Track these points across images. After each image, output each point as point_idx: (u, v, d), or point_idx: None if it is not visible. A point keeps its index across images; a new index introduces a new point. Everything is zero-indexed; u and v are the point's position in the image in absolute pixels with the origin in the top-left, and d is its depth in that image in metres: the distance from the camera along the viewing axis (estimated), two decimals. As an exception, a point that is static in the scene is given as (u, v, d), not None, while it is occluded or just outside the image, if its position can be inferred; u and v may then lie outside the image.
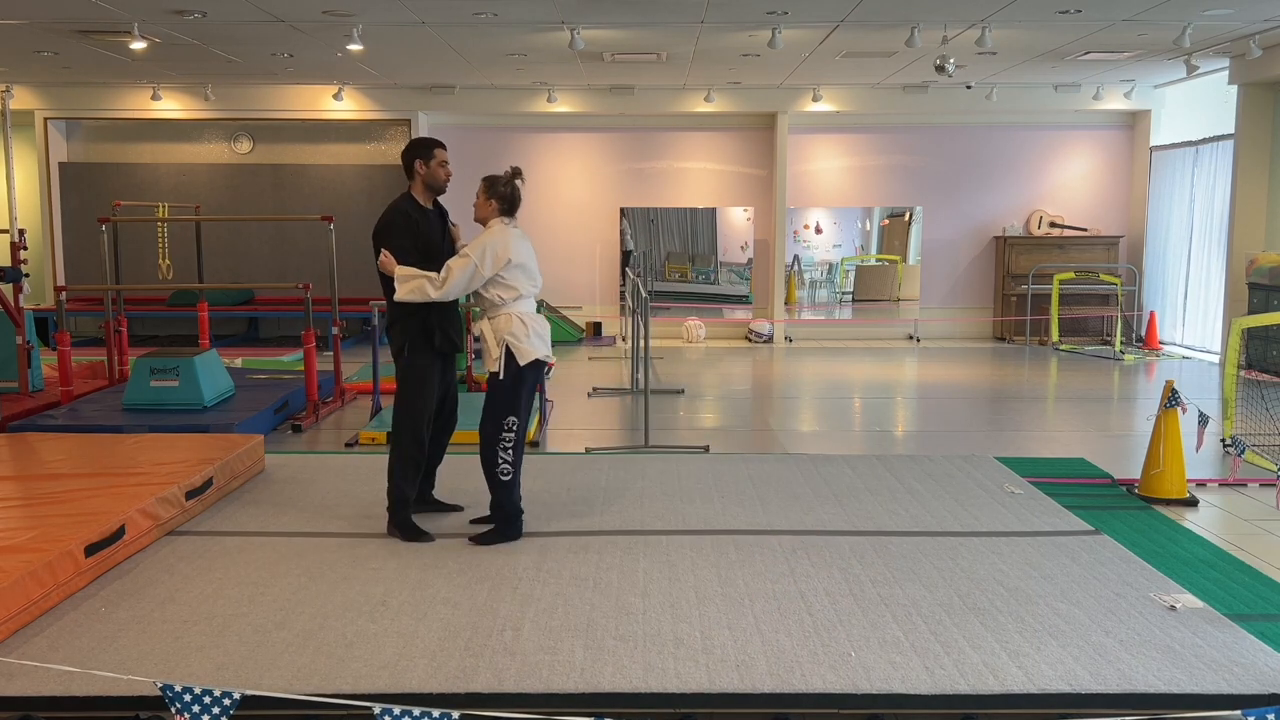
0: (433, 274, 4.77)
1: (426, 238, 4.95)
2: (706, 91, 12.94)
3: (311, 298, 8.25)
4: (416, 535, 4.85)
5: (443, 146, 5.03)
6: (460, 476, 5.78)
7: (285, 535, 4.93)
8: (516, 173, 4.94)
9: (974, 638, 3.70)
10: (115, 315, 9.18)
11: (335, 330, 8.66)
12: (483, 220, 4.91)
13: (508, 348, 4.77)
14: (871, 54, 10.53)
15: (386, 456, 5.05)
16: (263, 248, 13.75)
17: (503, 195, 4.86)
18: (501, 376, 4.77)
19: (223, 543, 4.81)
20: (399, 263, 4.79)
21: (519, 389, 4.81)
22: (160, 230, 13.22)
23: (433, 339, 4.93)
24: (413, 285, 4.77)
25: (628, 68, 11.38)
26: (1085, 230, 13.48)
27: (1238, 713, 2.87)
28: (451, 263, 4.75)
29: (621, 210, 13.51)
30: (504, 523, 4.86)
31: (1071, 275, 12.96)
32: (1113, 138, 13.60)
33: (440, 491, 5.38)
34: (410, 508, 4.96)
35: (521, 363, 4.78)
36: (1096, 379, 10.44)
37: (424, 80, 12.54)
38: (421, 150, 4.97)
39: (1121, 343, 12.41)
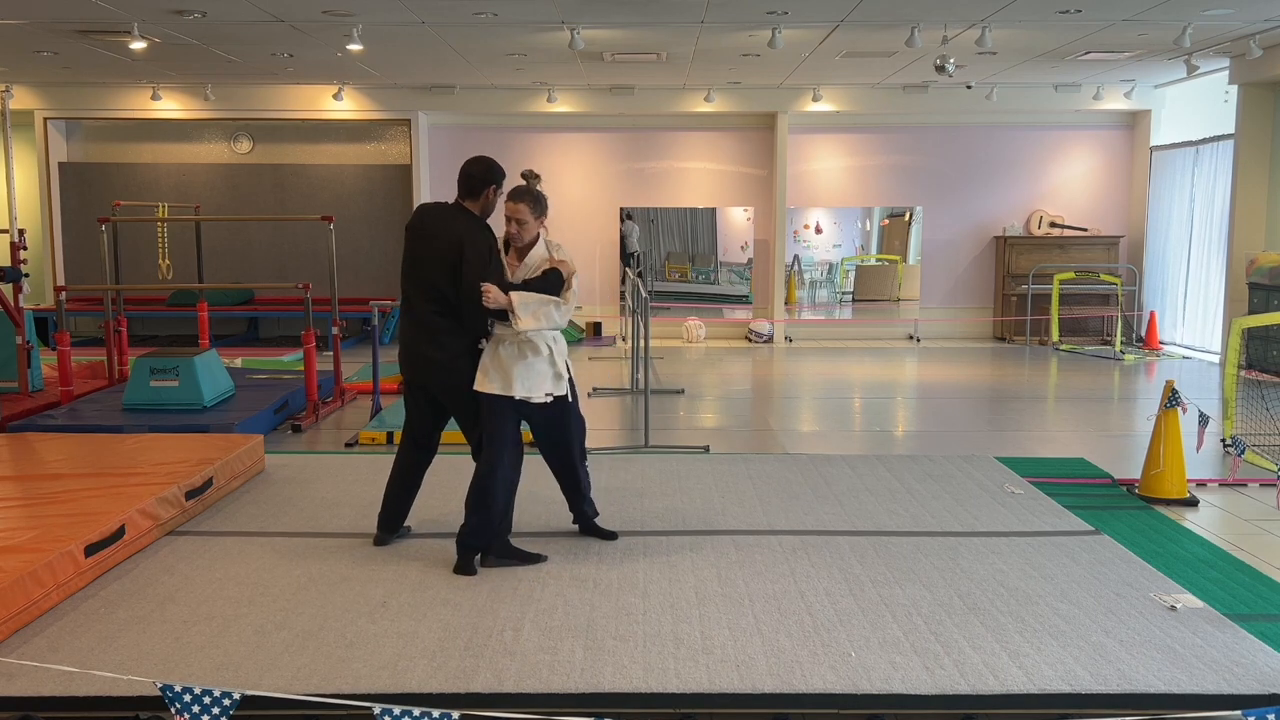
0: (549, 296, 4.31)
1: None
2: (706, 91, 12.94)
3: (311, 298, 8.26)
4: (532, 558, 4.51)
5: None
6: (463, 476, 5.79)
7: (285, 535, 4.93)
8: (538, 177, 4.54)
9: (974, 638, 3.70)
10: (115, 315, 9.18)
11: (335, 330, 8.66)
12: (530, 240, 4.47)
13: (567, 364, 4.56)
14: (871, 54, 10.53)
15: (393, 458, 4.77)
16: (263, 248, 13.75)
17: (546, 210, 4.51)
18: (570, 397, 4.59)
19: (223, 543, 4.81)
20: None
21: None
22: (160, 230, 13.23)
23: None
24: (541, 313, 4.28)
25: (628, 68, 11.38)
26: (1085, 230, 13.48)
27: (1238, 713, 2.87)
28: (570, 285, 4.37)
29: (630, 213, 13.51)
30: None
31: (1072, 275, 12.96)
32: (1113, 138, 13.60)
33: (441, 489, 5.37)
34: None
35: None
36: (1097, 379, 10.44)
37: (424, 80, 12.54)
38: (500, 178, 4.51)
39: (1122, 343, 12.41)
